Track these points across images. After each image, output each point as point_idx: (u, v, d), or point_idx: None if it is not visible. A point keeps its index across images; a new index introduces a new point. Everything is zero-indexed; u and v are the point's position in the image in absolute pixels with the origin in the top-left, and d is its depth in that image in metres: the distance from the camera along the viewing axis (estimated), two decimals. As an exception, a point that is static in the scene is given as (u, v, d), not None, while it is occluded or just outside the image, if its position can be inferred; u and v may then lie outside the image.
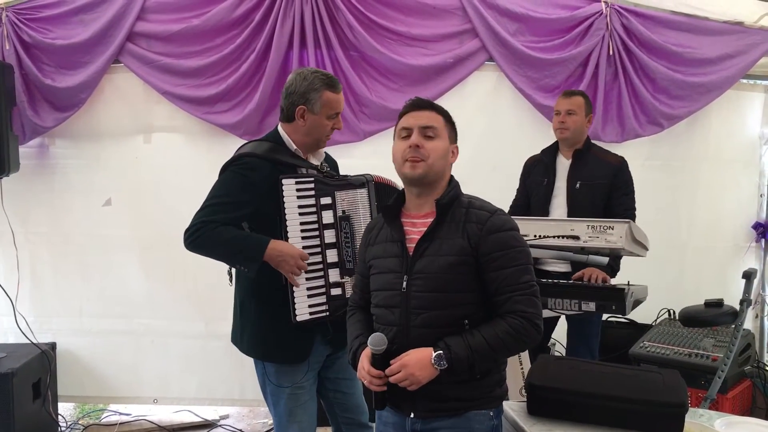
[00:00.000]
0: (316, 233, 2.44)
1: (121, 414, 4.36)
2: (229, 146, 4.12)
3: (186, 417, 4.32)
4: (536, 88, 4.17)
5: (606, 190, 3.46)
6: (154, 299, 4.21)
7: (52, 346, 4.09)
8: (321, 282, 2.45)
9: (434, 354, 1.86)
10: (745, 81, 4.48)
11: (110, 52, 3.99)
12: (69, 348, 4.21)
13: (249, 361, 4.17)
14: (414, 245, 1.98)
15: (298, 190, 2.42)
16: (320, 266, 2.44)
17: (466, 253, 1.92)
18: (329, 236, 2.46)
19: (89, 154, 4.16)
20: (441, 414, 1.95)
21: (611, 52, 4.17)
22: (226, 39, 4.04)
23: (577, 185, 3.49)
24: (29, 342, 3.90)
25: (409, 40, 4.15)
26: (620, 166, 3.52)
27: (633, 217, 3.44)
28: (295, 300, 2.40)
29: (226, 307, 4.18)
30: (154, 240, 4.17)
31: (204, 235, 2.39)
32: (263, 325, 2.50)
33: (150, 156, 4.18)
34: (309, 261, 2.40)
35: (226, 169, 2.55)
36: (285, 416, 2.52)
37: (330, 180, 2.51)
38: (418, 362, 1.87)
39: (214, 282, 4.13)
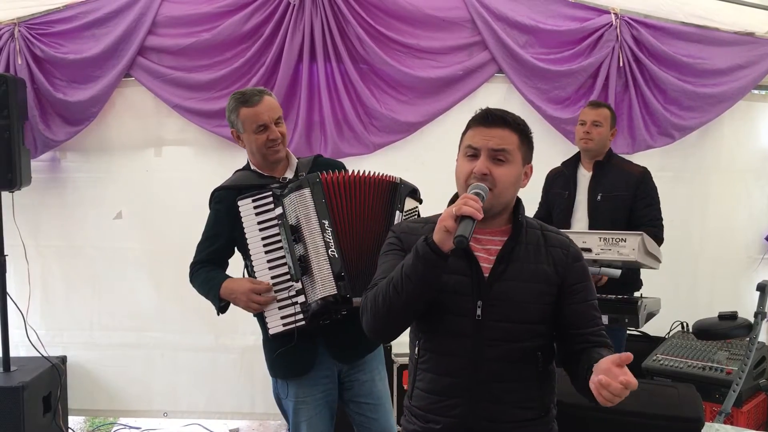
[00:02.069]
0: (280, 245, 2.40)
1: (131, 427, 4.35)
2: (239, 159, 4.11)
3: (196, 430, 4.31)
4: (546, 99, 4.17)
5: (628, 202, 3.45)
6: (164, 313, 4.21)
7: (63, 359, 4.09)
8: (292, 293, 2.39)
9: None
10: (756, 92, 4.46)
11: (121, 66, 4.01)
12: (79, 361, 4.21)
13: (259, 375, 4.23)
14: (485, 264, 1.73)
15: (255, 207, 2.42)
16: (287, 277, 2.39)
17: (552, 282, 1.73)
18: (296, 246, 2.40)
19: (100, 168, 4.18)
20: None
21: (621, 64, 4.16)
22: (237, 52, 4.06)
23: (599, 197, 3.47)
24: (40, 355, 3.90)
25: (418, 52, 4.15)
26: (642, 177, 3.51)
27: (660, 229, 3.41)
28: (266, 314, 2.42)
29: (235, 321, 4.21)
30: (164, 253, 4.17)
31: (191, 279, 2.62)
32: (266, 340, 2.52)
33: (161, 169, 4.20)
34: (276, 274, 2.39)
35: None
36: (295, 429, 2.52)
37: (284, 190, 2.44)
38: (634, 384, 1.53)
39: (225, 295, 4.16)
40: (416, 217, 2.51)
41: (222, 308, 2.54)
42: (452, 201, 1.81)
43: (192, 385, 4.27)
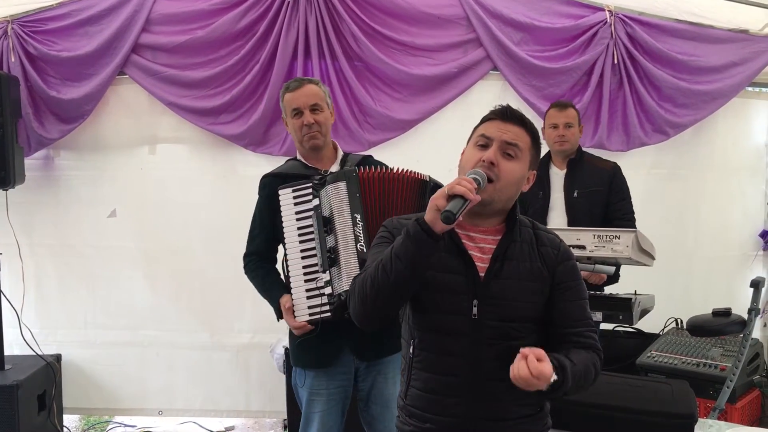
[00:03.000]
0: (313, 236, 2.44)
1: (126, 426, 4.35)
2: (234, 157, 4.17)
3: (191, 429, 4.31)
4: (541, 97, 4.17)
5: (604, 198, 3.49)
6: (159, 311, 4.20)
7: (57, 357, 4.08)
8: (320, 283, 2.43)
9: (552, 378, 1.57)
10: (750, 89, 4.47)
11: (115, 64, 3.99)
12: (74, 360, 4.20)
13: (254, 373, 4.23)
14: (480, 264, 1.72)
15: (294, 197, 2.47)
16: (317, 268, 2.43)
17: (544, 280, 1.73)
18: (327, 237, 2.44)
19: (94, 166, 4.16)
20: None
21: (616, 61, 4.16)
22: (231, 50, 4.05)
23: (575, 194, 3.51)
24: (34, 354, 3.89)
25: (413, 49, 4.15)
26: (614, 171, 3.56)
27: (633, 222, 3.44)
28: (294, 303, 2.46)
29: (231, 319, 4.23)
30: (159, 251, 4.18)
31: (246, 272, 2.71)
32: (292, 332, 2.56)
33: (155, 167, 4.19)
34: (307, 264, 2.44)
35: None
36: (303, 422, 2.57)
37: (323, 182, 2.48)
38: (548, 375, 1.56)
39: (220, 293, 4.18)
40: None
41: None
42: None
43: (187, 383, 4.26)
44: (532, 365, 1.54)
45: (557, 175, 3.60)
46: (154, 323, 4.21)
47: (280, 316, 2.58)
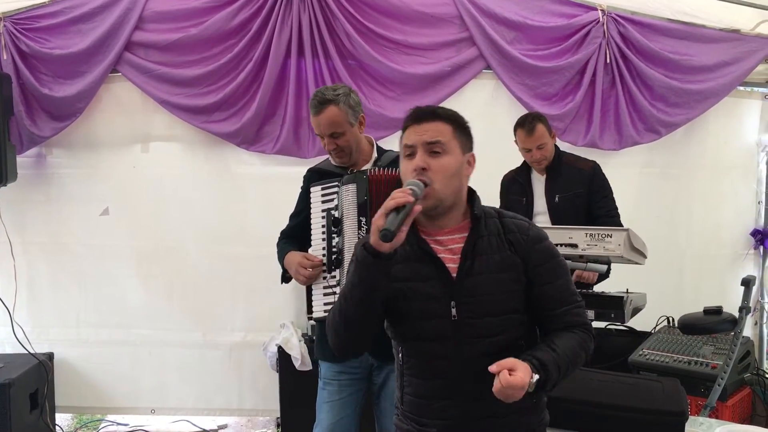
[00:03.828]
0: (334, 234, 2.49)
1: (118, 424, 4.34)
2: (227, 155, 4.16)
3: (184, 427, 4.30)
4: (534, 96, 4.18)
5: (585, 199, 3.50)
6: (151, 309, 4.20)
7: (50, 356, 4.07)
8: (332, 282, 2.48)
9: (534, 378, 1.58)
10: (742, 88, 4.50)
11: (108, 62, 3.98)
12: (66, 358, 4.19)
13: (247, 371, 4.23)
14: (452, 265, 1.72)
15: (323, 195, 2.53)
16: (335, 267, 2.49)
17: (518, 268, 1.72)
18: (335, 238, 2.50)
19: (87, 164, 4.15)
20: None
21: (608, 60, 4.18)
22: (224, 48, 4.04)
23: (556, 199, 3.51)
24: (26, 352, 3.88)
25: (406, 48, 4.15)
26: (593, 171, 3.55)
27: (617, 218, 3.45)
28: (312, 298, 2.52)
29: (224, 317, 4.23)
30: (151, 249, 4.17)
31: (277, 245, 2.73)
32: (317, 325, 2.63)
33: (148, 165, 4.18)
34: (327, 261, 2.48)
35: None
36: (316, 412, 2.62)
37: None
38: (525, 385, 1.56)
39: (213, 292, 4.18)
40: None
41: (286, 278, 2.65)
42: None
43: (180, 381, 4.26)
44: (503, 379, 1.54)
45: (539, 181, 3.61)
46: (147, 322, 4.20)
47: (284, 278, 2.64)
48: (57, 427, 4.13)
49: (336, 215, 2.45)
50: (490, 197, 3.72)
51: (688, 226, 4.51)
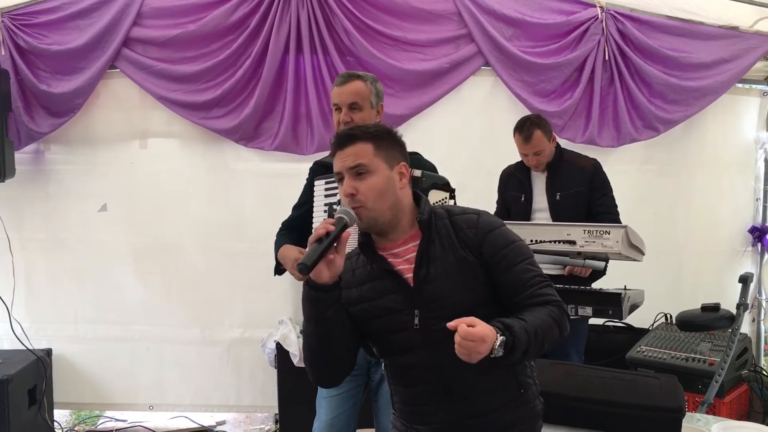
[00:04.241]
0: None
1: (117, 420, 4.34)
2: (225, 151, 4.16)
3: (182, 423, 4.30)
4: (532, 92, 4.17)
5: (586, 197, 3.49)
6: (149, 305, 4.19)
7: (48, 352, 4.07)
8: None
9: (498, 340, 1.54)
10: (740, 85, 4.50)
11: (106, 58, 3.97)
12: (64, 354, 4.18)
13: (245, 368, 4.23)
14: (409, 275, 1.73)
15: (326, 189, 2.52)
16: None
17: (472, 265, 1.71)
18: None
19: (85, 160, 4.14)
20: None
21: (607, 57, 4.17)
22: (222, 44, 4.03)
23: (557, 197, 3.50)
24: (25, 348, 3.88)
25: (405, 45, 4.15)
26: (594, 169, 3.54)
27: (617, 216, 3.46)
28: None
29: (222, 313, 4.23)
30: (149, 246, 4.17)
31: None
32: None
33: (146, 161, 4.17)
34: None
35: None
36: (317, 405, 2.62)
37: None
38: (489, 344, 1.52)
39: (211, 288, 4.18)
40: None
41: (279, 270, 2.63)
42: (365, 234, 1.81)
43: (178, 378, 4.26)
44: (461, 331, 1.51)
45: (539, 178, 3.59)
46: (145, 318, 4.20)
47: (277, 270, 2.63)
48: (55, 423, 4.12)
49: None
50: (488, 193, 3.76)
51: (686, 223, 4.52)
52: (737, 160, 4.59)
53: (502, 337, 1.55)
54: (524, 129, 3.47)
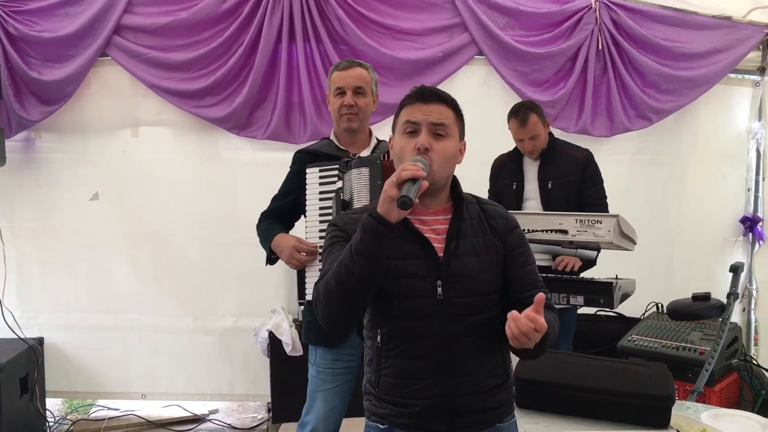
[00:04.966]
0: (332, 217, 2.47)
1: (109, 409, 4.34)
2: (218, 140, 4.15)
3: (175, 412, 4.31)
4: (526, 82, 4.17)
5: (578, 186, 3.50)
6: (141, 294, 4.19)
7: (40, 341, 4.06)
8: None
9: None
10: (733, 75, 4.51)
11: (97, 45, 3.95)
12: (56, 343, 4.18)
13: (238, 357, 4.24)
14: (437, 245, 1.74)
15: (321, 177, 2.51)
16: None
17: (499, 251, 1.77)
18: None
19: (76, 148, 4.12)
20: (481, 428, 1.77)
21: (600, 47, 4.18)
22: (214, 32, 4.02)
23: (549, 185, 3.50)
24: (16, 337, 3.88)
25: (398, 33, 4.14)
26: (586, 159, 3.55)
27: (605, 207, 3.47)
28: (306, 281, 2.50)
29: (214, 302, 4.23)
30: (141, 234, 4.16)
31: (257, 228, 2.71)
32: (306, 309, 2.62)
33: (138, 150, 4.15)
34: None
35: None
36: (308, 398, 2.62)
37: (349, 165, 2.51)
38: (544, 325, 1.55)
39: (203, 277, 4.17)
40: None
41: (272, 260, 2.64)
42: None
43: (171, 367, 4.26)
44: (539, 325, 1.53)
45: (531, 166, 3.60)
46: (137, 307, 4.20)
47: (270, 258, 2.62)
48: (47, 412, 4.12)
49: (345, 198, 2.45)
50: (481, 183, 3.76)
51: (678, 212, 4.54)
52: (729, 150, 4.60)
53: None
54: (520, 113, 3.48)
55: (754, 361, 4.05)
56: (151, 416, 4.25)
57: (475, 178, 3.82)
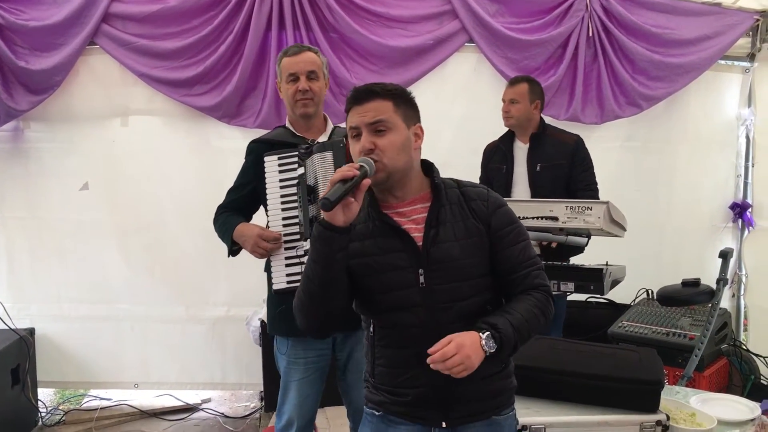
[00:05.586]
0: (296, 205, 2.45)
1: (101, 399, 4.34)
2: (208, 129, 4.13)
3: (167, 401, 4.31)
4: (516, 69, 4.16)
5: (566, 171, 3.52)
6: (133, 284, 4.18)
7: (31, 331, 4.04)
8: (300, 252, 2.43)
9: (483, 336, 1.63)
10: (723, 62, 4.52)
11: (85, 34, 3.91)
12: (47, 334, 4.16)
13: (230, 346, 4.24)
14: (416, 234, 1.75)
15: (280, 165, 2.47)
16: (298, 237, 2.44)
17: (481, 233, 1.76)
18: (310, 206, 2.45)
19: (65, 138, 4.09)
20: (475, 419, 1.77)
21: (591, 34, 4.17)
22: (204, 20, 3.98)
23: (537, 168, 3.53)
24: (7, 328, 3.86)
25: (388, 21, 4.12)
26: (576, 144, 3.57)
27: (596, 192, 3.49)
28: (272, 270, 2.47)
29: (206, 292, 4.22)
30: (132, 224, 4.14)
31: (214, 222, 2.68)
32: (271, 295, 2.58)
33: (127, 139, 4.13)
34: (289, 231, 2.44)
35: None
36: (282, 390, 2.60)
37: (309, 151, 2.48)
38: (473, 345, 1.62)
39: (195, 266, 4.16)
40: None
41: (234, 251, 2.60)
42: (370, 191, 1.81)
43: (163, 356, 4.26)
44: (437, 357, 1.60)
45: (521, 149, 3.62)
46: (129, 297, 4.19)
47: (231, 250, 2.58)
48: (39, 402, 4.12)
49: (309, 183, 2.42)
50: (472, 170, 3.76)
51: (668, 199, 4.56)
52: (719, 137, 4.63)
53: (486, 333, 1.63)
54: (514, 77, 3.65)
55: (744, 347, 4.08)
56: (144, 406, 4.26)
57: (467, 165, 3.84)
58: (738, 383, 3.85)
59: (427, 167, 1.85)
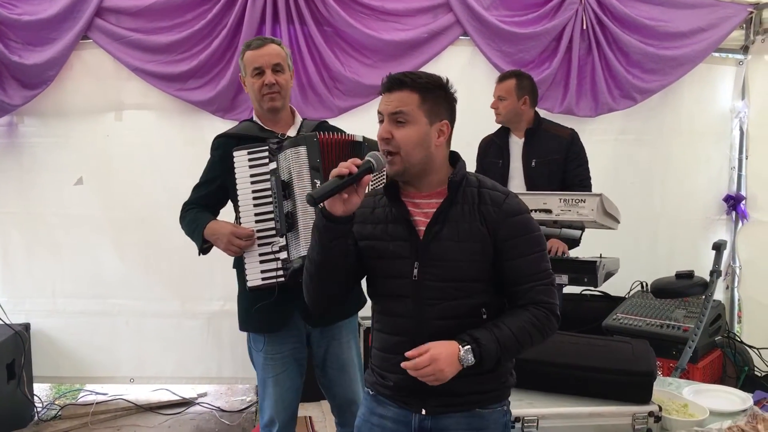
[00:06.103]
0: (269, 200, 2.41)
1: (97, 393, 4.35)
2: (202, 123, 4.12)
3: (163, 395, 4.32)
4: (511, 62, 4.17)
5: (561, 165, 3.54)
6: (128, 279, 4.17)
7: (26, 326, 4.04)
8: (275, 248, 2.40)
9: (462, 349, 1.65)
10: (716, 54, 4.53)
11: (78, 28, 3.90)
12: (43, 329, 4.16)
13: (226, 340, 4.24)
14: (423, 228, 1.76)
15: (250, 159, 2.43)
16: (273, 232, 2.41)
17: (484, 239, 1.73)
18: (285, 202, 2.42)
19: (59, 133, 4.08)
20: (455, 410, 1.78)
21: (585, 26, 4.18)
22: (197, 14, 3.98)
23: (533, 163, 3.54)
24: (2, 323, 3.86)
25: (382, 14, 4.12)
26: (571, 139, 3.58)
27: (589, 189, 3.50)
28: (246, 266, 2.44)
29: (201, 286, 4.22)
30: (126, 219, 4.13)
31: (180, 219, 2.64)
32: (242, 292, 2.56)
33: (121, 134, 4.12)
34: (262, 228, 2.42)
35: None
36: (261, 386, 2.60)
37: (281, 145, 2.44)
38: (448, 357, 1.65)
39: (190, 261, 4.11)
40: None
41: (204, 249, 2.57)
42: None
43: (159, 351, 4.26)
44: (410, 365, 1.66)
45: (516, 144, 3.63)
46: (124, 292, 4.18)
47: (202, 248, 2.54)
48: (35, 397, 4.12)
49: (283, 178, 2.38)
50: (468, 163, 3.74)
51: (662, 191, 4.57)
52: (713, 129, 4.64)
53: (466, 347, 1.66)
54: (504, 74, 3.66)
55: (738, 338, 4.10)
56: (140, 400, 4.26)
57: (460, 159, 3.83)
58: (732, 375, 3.86)
59: (456, 161, 1.83)
